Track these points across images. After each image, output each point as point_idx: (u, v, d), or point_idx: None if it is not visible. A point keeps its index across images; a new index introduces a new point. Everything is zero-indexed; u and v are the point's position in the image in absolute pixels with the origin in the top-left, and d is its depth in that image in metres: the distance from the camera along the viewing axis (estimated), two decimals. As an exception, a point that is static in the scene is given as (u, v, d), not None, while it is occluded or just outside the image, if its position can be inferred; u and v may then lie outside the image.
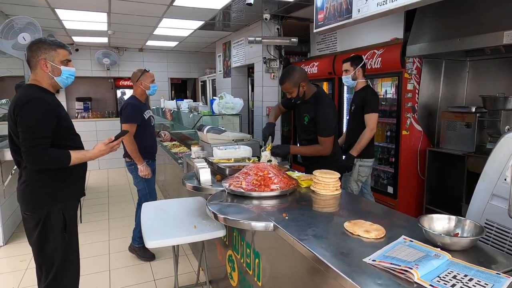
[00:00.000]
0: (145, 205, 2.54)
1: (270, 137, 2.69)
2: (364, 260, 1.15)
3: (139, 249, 3.29)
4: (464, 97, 3.87)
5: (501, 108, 3.05)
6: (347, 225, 1.43)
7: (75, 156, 1.82)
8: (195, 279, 2.87)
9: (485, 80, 3.68)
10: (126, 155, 3.20)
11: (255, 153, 2.94)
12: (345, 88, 4.61)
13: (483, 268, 1.08)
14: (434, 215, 1.36)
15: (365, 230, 1.37)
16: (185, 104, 4.83)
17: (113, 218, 4.45)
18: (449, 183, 3.71)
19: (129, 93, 9.90)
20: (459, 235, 1.31)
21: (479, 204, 1.80)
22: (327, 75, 4.66)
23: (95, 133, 7.44)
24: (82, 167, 2.03)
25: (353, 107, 3.20)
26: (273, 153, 2.52)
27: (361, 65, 3.06)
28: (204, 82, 8.19)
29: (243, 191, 1.88)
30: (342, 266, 1.11)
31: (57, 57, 1.83)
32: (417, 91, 3.61)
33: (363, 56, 3.26)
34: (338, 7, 3.03)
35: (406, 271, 1.05)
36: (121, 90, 9.68)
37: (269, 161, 2.49)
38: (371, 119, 2.97)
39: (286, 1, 4.05)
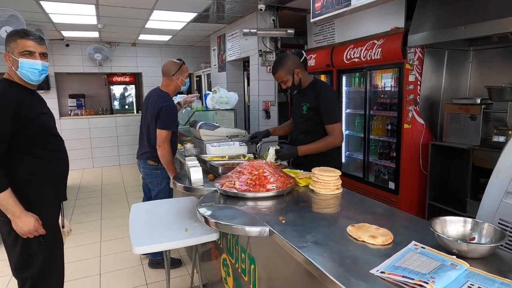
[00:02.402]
0: (134, 207, 2.40)
1: (257, 140, 2.61)
2: (371, 272, 1.01)
3: (162, 260, 2.97)
4: (467, 88, 3.73)
5: (508, 99, 2.90)
6: (350, 229, 1.29)
7: (4, 195, 1.55)
8: (189, 283, 2.74)
9: (489, 70, 3.53)
10: (151, 157, 2.82)
11: (250, 149, 2.80)
12: (344, 80, 4.47)
13: (508, 280, 0.95)
14: (448, 218, 1.23)
15: (371, 235, 1.23)
16: (178, 99, 4.65)
17: (105, 218, 4.31)
18: (453, 178, 3.58)
19: (126, 89, 9.69)
20: (475, 240, 1.18)
21: (491, 202, 1.66)
22: (325, 67, 4.50)
23: (88, 130, 7.28)
24: (61, 169, 1.87)
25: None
26: (279, 157, 2.33)
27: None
28: (199, 76, 8.01)
29: (236, 191, 1.74)
30: (347, 280, 0.97)
31: (16, 48, 1.64)
32: (419, 82, 3.47)
33: (288, 51, 3.20)
34: (336, -5, 2.88)
35: (421, 285, 0.92)
36: (122, 86, 9.52)
37: (277, 159, 2.34)
38: None
39: (281, -10, 3.88)
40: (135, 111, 9.66)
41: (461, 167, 3.55)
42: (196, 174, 2.04)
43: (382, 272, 1.00)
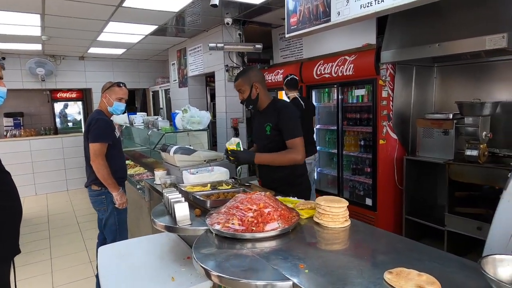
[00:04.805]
0: (102, 250, 2.03)
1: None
2: None
3: None
4: (433, 103, 3.85)
5: (479, 114, 3.00)
6: (388, 277, 1.11)
7: None
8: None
9: (452, 85, 3.68)
10: (93, 181, 2.66)
11: (231, 174, 2.56)
12: (314, 95, 4.42)
13: None
14: (497, 257, 1.10)
15: (417, 284, 1.06)
16: (139, 118, 4.27)
17: (57, 257, 3.74)
18: (428, 192, 3.63)
19: (72, 106, 8.98)
20: (527, 281, 1.06)
21: (505, 226, 1.59)
22: (294, 83, 4.42)
23: (29, 153, 6.47)
24: (13, 216, 1.49)
25: None
26: (231, 161, 2.23)
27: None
28: (156, 92, 7.58)
29: (235, 233, 1.49)
30: None
31: None
32: (391, 98, 3.49)
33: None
34: (314, 10, 2.78)
35: None
36: (63, 102, 8.69)
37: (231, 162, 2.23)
38: None
39: (251, 4, 3.73)
40: (83, 129, 8.90)
41: (436, 181, 3.62)
42: (181, 210, 1.75)
43: None
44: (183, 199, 1.85)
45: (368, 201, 3.72)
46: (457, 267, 1.23)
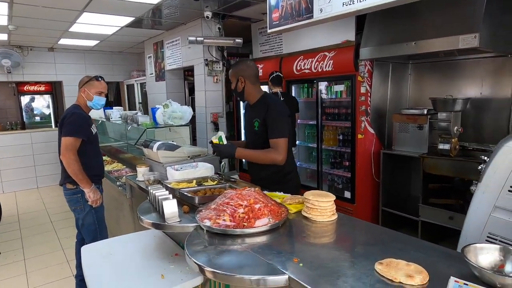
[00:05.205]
0: (85, 249, 1.99)
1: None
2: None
3: None
4: (407, 98, 4.00)
5: (451, 109, 3.15)
6: (380, 268, 1.16)
7: None
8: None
9: (425, 82, 3.83)
10: (67, 179, 2.54)
11: (216, 169, 2.56)
12: (294, 90, 4.46)
13: None
14: (477, 245, 1.18)
15: (406, 274, 1.11)
16: (116, 113, 4.15)
17: (30, 257, 3.59)
18: (403, 184, 3.78)
19: (38, 99, 8.59)
20: (504, 267, 1.15)
21: (480, 217, 1.70)
22: (274, 78, 4.44)
23: (-5, 150, 6.13)
24: None
25: None
26: (215, 152, 2.26)
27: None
28: (131, 86, 7.38)
29: (226, 229, 1.50)
30: None
31: None
32: (369, 94, 3.59)
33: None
34: (296, 6, 2.80)
35: None
36: (30, 96, 8.28)
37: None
38: None
39: (232, -3, 3.70)
40: (53, 124, 8.53)
41: (411, 174, 3.77)
42: (170, 207, 1.74)
43: (448, 326, 0.89)
44: (170, 196, 1.84)
45: (347, 194, 3.83)
46: (439, 256, 1.30)
